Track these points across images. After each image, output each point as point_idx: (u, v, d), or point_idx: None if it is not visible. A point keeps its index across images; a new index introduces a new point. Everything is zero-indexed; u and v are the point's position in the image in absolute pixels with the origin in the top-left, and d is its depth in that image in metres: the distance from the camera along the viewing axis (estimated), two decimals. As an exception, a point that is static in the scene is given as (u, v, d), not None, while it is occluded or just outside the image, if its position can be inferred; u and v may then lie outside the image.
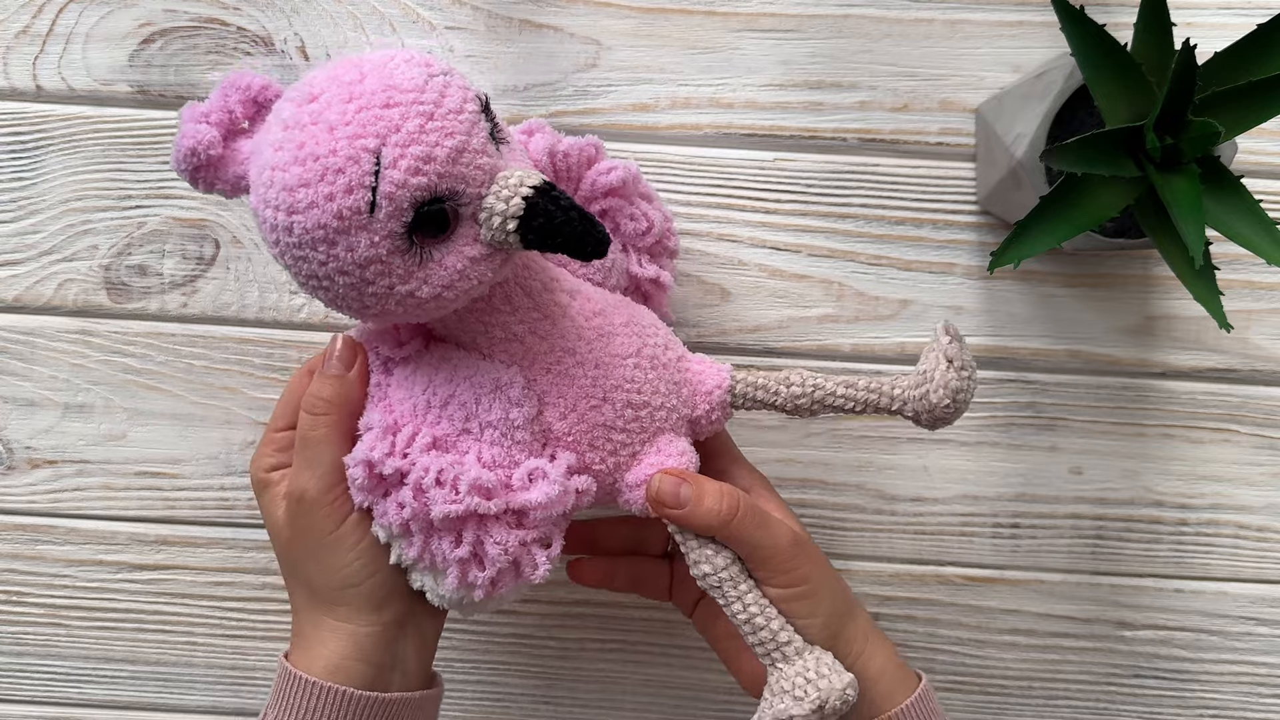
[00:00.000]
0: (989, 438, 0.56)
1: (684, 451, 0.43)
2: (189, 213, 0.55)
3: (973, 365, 0.42)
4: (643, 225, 0.47)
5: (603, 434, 0.41)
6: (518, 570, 0.41)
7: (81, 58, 0.54)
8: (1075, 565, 0.56)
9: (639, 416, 0.41)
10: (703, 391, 0.44)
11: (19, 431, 0.56)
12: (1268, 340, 0.55)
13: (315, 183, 0.33)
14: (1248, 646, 0.57)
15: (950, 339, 0.42)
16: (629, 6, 0.54)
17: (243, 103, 0.38)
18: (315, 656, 0.41)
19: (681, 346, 0.45)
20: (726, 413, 0.44)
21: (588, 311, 0.41)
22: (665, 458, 0.42)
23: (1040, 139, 0.46)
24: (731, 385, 0.43)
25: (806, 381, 0.43)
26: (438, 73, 0.35)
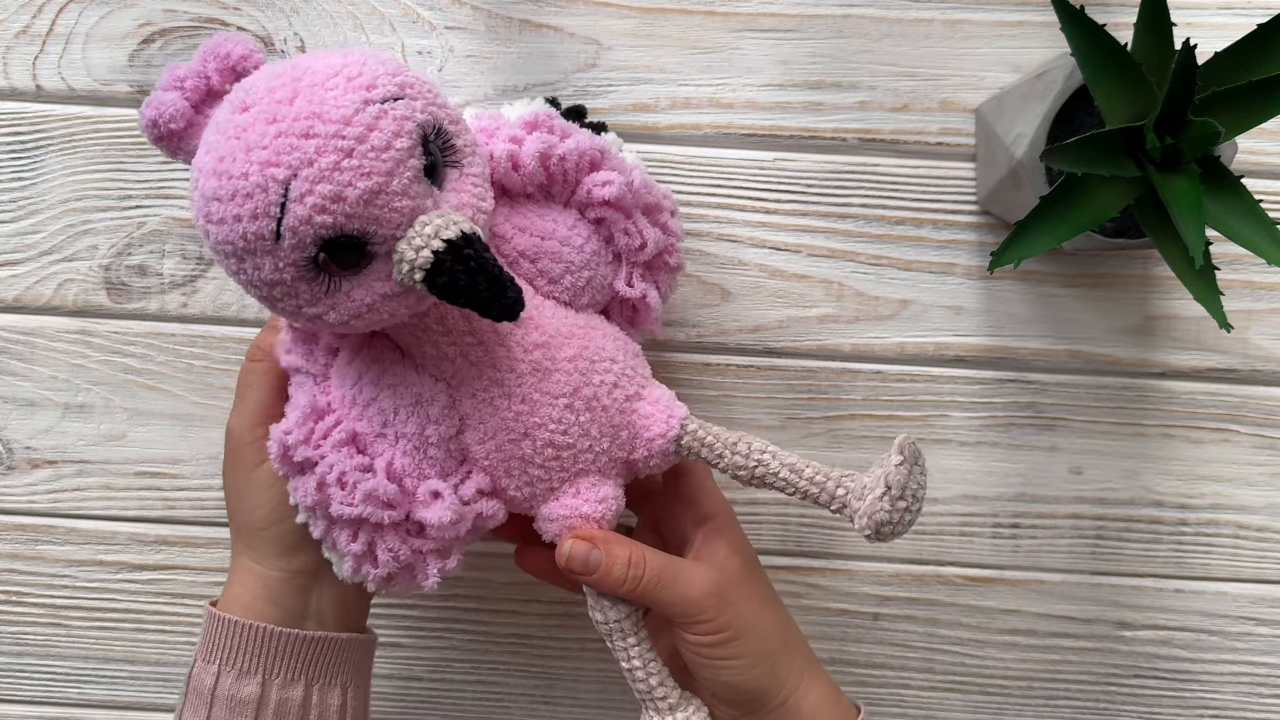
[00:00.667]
0: (989, 438, 0.56)
1: (604, 498, 0.42)
2: (189, 213, 0.55)
3: (916, 495, 0.40)
4: (636, 242, 0.44)
5: (519, 466, 0.41)
6: (411, 574, 0.41)
7: (81, 58, 0.54)
8: (1075, 565, 0.56)
9: (560, 457, 0.41)
10: (645, 437, 0.42)
11: (19, 431, 0.56)
12: (1268, 340, 0.55)
13: (226, 200, 0.33)
14: (1248, 646, 0.57)
15: (901, 460, 0.40)
16: (629, 6, 0.54)
17: (220, 71, 0.37)
18: (232, 596, 0.43)
19: (638, 382, 0.43)
20: (669, 460, 0.43)
21: (528, 343, 0.40)
22: (582, 501, 0.42)
23: (1040, 139, 0.46)
24: (678, 436, 0.42)
25: (752, 454, 0.42)
26: (377, 99, 0.33)
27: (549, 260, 0.42)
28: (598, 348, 0.42)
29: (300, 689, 0.43)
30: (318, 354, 0.41)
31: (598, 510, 0.42)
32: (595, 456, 0.41)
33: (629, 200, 0.43)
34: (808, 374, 0.55)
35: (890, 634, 0.57)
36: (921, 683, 0.57)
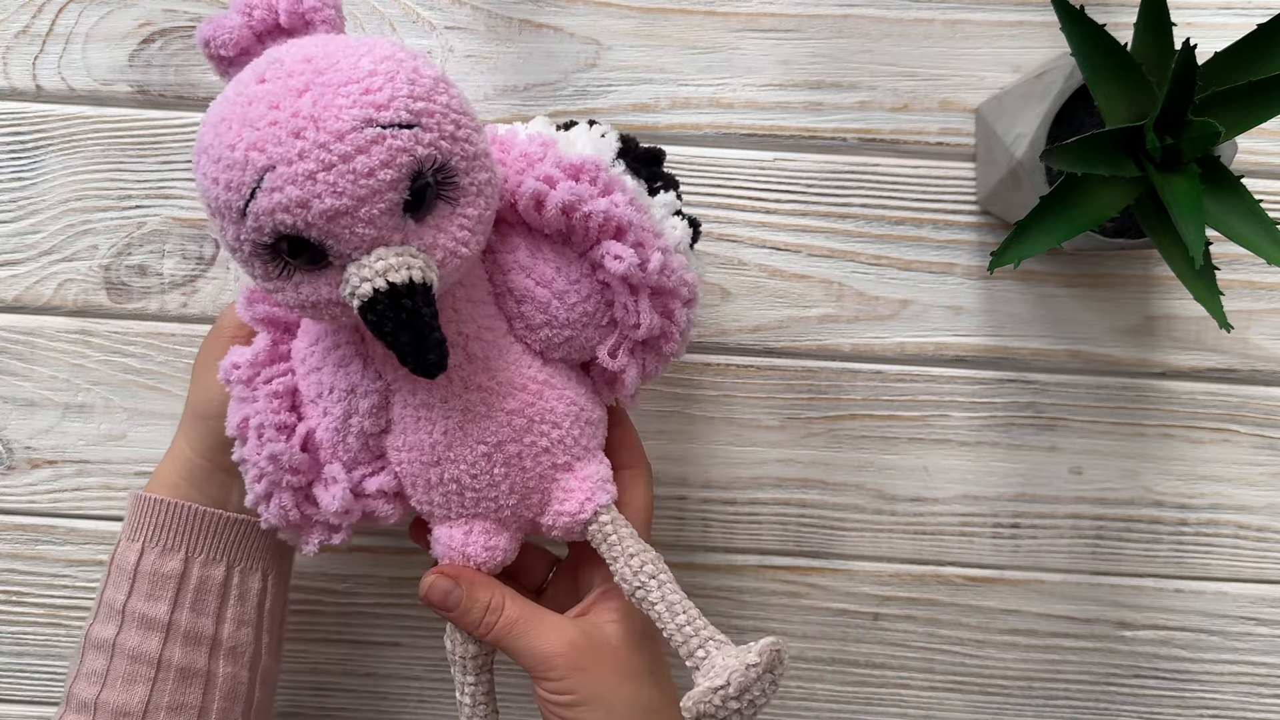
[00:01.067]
0: (989, 438, 0.56)
1: (493, 547, 0.42)
2: (189, 213, 0.55)
3: (755, 702, 0.38)
4: (631, 320, 0.41)
5: (424, 485, 0.41)
6: (297, 533, 0.42)
7: (81, 58, 0.54)
8: (1075, 565, 0.56)
9: (463, 495, 0.41)
10: (555, 509, 0.42)
11: (19, 431, 0.56)
12: (1268, 340, 0.55)
13: (212, 160, 0.33)
14: (1248, 646, 0.57)
15: (755, 664, 0.38)
16: (629, 6, 0.54)
17: (289, 13, 0.36)
18: (159, 478, 0.45)
19: (574, 452, 0.42)
20: (573, 536, 0.43)
21: (473, 382, 0.40)
22: (471, 542, 0.42)
23: (1040, 139, 0.46)
24: (586, 521, 0.42)
25: (640, 575, 0.41)
26: (382, 122, 0.33)
27: (533, 307, 0.40)
28: (544, 408, 0.41)
29: (222, 569, 0.44)
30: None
31: (482, 555, 0.42)
32: (498, 508, 0.41)
33: (638, 279, 0.40)
34: (808, 374, 0.55)
35: (890, 634, 0.57)
36: (921, 683, 0.57)
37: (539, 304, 0.40)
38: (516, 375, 0.41)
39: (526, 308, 0.40)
